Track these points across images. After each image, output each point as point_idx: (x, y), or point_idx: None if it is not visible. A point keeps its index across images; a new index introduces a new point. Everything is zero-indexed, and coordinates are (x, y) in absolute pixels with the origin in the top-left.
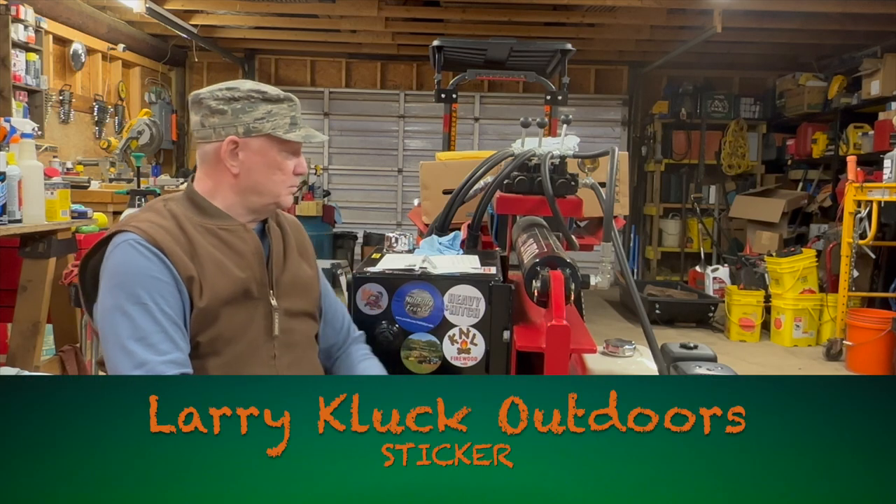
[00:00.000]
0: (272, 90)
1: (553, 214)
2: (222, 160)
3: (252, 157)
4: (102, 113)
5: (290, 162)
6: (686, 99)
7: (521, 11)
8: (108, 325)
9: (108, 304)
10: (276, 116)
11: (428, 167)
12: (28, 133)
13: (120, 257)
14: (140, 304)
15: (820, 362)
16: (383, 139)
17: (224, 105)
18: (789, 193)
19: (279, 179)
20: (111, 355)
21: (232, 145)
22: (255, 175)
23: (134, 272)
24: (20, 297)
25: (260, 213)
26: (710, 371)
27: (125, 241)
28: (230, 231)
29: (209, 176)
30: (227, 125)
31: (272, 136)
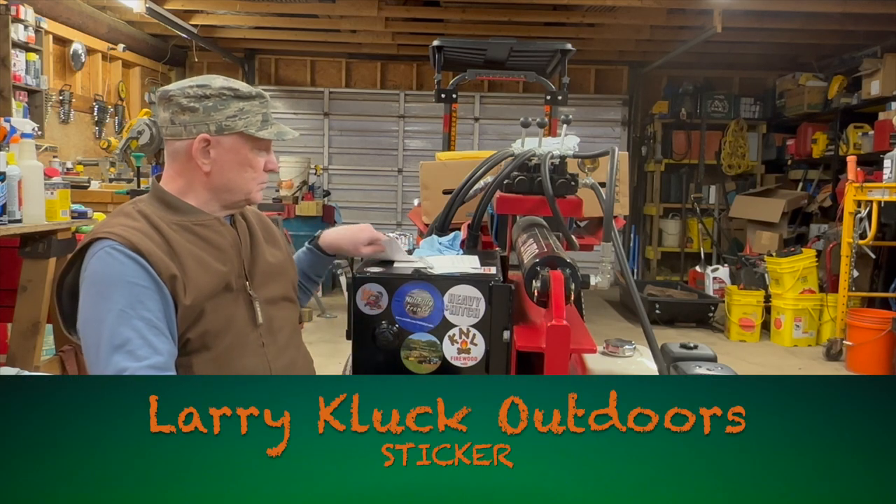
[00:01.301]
0: (244, 87)
1: (553, 214)
2: (194, 158)
3: (224, 154)
4: (102, 113)
5: (262, 159)
6: (686, 99)
7: (521, 11)
8: (86, 334)
9: (86, 315)
10: (248, 114)
11: (428, 167)
12: (28, 133)
13: (96, 266)
14: (117, 311)
15: (820, 362)
16: (383, 139)
17: (195, 102)
18: (789, 193)
19: (251, 177)
20: (91, 365)
21: (204, 143)
22: (227, 173)
23: (111, 280)
24: (20, 297)
25: (231, 209)
26: (710, 371)
27: (101, 248)
28: (206, 226)
29: (180, 174)
30: (198, 123)
31: (244, 134)
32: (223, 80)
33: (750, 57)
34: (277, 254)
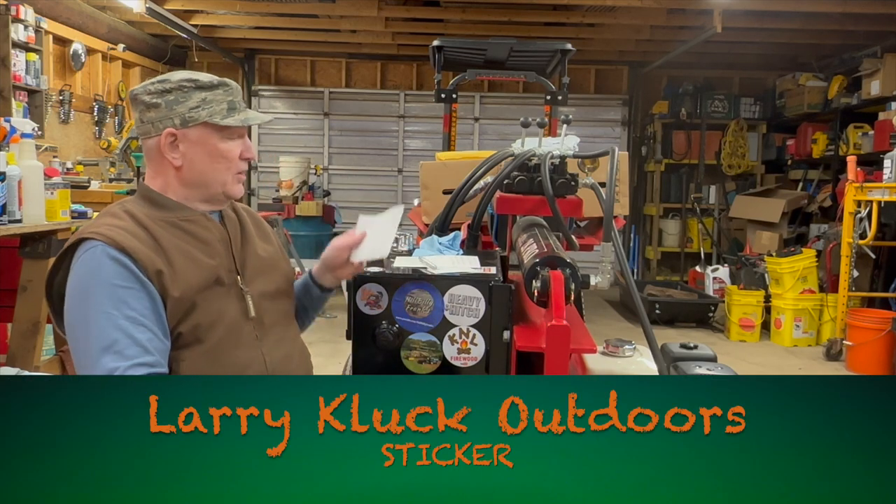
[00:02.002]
0: (205, 77)
1: (553, 214)
2: (163, 154)
3: (192, 147)
4: (102, 113)
5: (234, 147)
6: (686, 99)
7: (521, 11)
8: (73, 337)
9: (73, 317)
10: (212, 103)
11: (428, 167)
12: (28, 133)
13: (81, 268)
14: (103, 312)
15: (820, 362)
16: (383, 139)
17: (157, 98)
18: (789, 193)
19: (224, 167)
20: (80, 366)
21: (170, 138)
22: (198, 165)
23: (94, 282)
24: (20, 297)
25: (212, 202)
26: (710, 371)
27: (86, 250)
28: (192, 221)
29: (157, 173)
30: (163, 118)
31: (209, 124)
32: (184, 72)
33: (750, 57)
34: (269, 248)
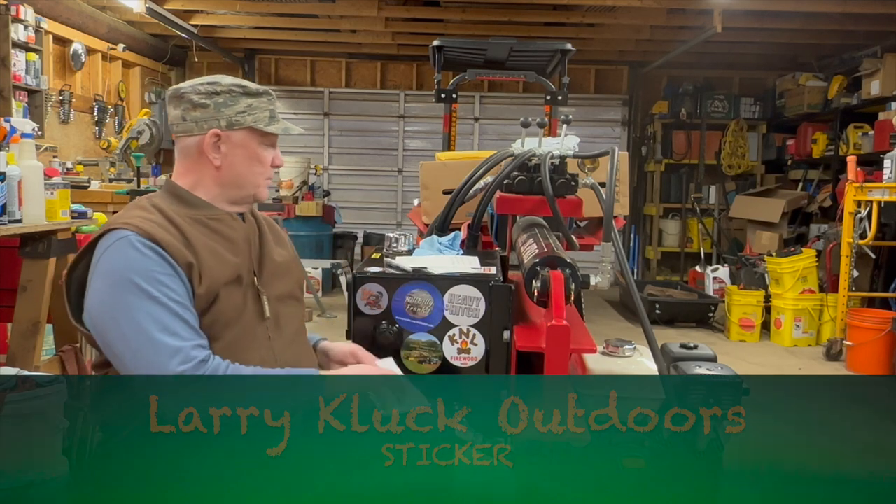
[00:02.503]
0: (252, 85)
1: (553, 214)
2: (205, 153)
3: (234, 149)
4: (102, 113)
5: (269, 154)
6: (686, 99)
7: (521, 11)
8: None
9: (115, 302)
10: (257, 110)
11: (428, 167)
12: (28, 133)
13: (116, 255)
14: (151, 298)
15: (820, 362)
16: (383, 139)
17: (206, 99)
18: (789, 193)
19: (259, 171)
20: (138, 351)
21: (215, 138)
22: (237, 167)
23: (135, 268)
24: (20, 297)
25: (239, 204)
26: (710, 371)
27: (119, 238)
28: (219, 220)
29: (191, 170)
30: (209, 118)
31: (253, 129)
32: (232, 78)
33: (750, 57)
34: (284, 253)
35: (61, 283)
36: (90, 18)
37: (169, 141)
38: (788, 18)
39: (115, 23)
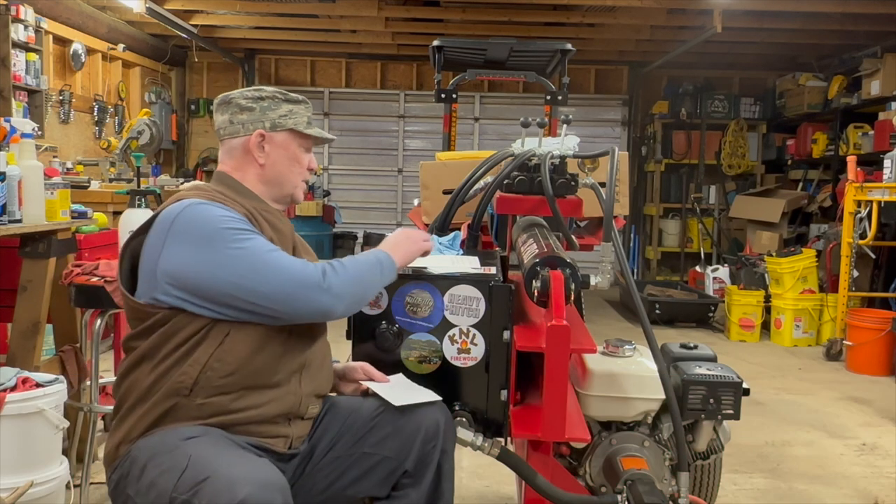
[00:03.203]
0: (291, 94)
1: (553, 214)
2: (250, 152)
3: (276, 149)
4: (102, 113)
5: (306, 157)
6: (686, 99)
7: (521, 11)
8: (228, 264)
9: (205, 253)
10: (297, 115)
11: (428, 167)
12: (28, 133)
13: (197, 212)
14: (250, 232)
15: (820, 362)
16: (383, 139)
17: (253, 103)
18: (789, 193)
19: (297, 171)
20: (250, 278)
21: (259, 138)
22: (279, 166)
23: (219, 219)
24: (20, 297)
25: (279, 202)
26: (710, 371)
27: (191, 203)
28: (270, 213)
29: (236, 169)
30: (255, 121)
31: (294, 131)
32: (274, 87)
33: (750, 57)
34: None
35: (62, 283)
36: (90, 18)
37: (169, 141)
38: (788, 18)
39: (115, 23)
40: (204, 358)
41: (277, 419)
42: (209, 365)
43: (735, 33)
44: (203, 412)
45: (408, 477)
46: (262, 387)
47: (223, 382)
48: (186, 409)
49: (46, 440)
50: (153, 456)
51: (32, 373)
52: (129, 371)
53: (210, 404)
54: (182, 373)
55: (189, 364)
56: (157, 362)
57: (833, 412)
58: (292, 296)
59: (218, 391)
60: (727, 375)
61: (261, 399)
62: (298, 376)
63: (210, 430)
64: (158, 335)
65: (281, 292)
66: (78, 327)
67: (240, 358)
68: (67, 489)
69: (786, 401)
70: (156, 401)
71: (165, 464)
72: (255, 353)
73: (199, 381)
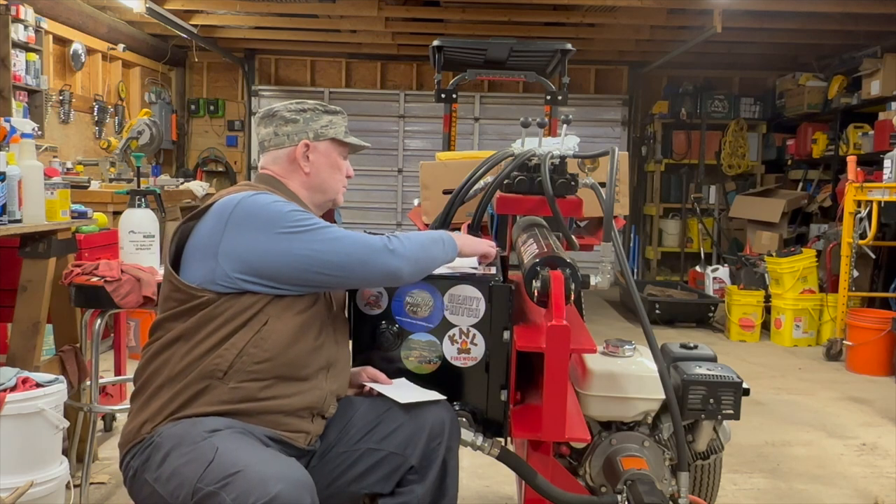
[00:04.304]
0: (330, 106)
1: (553, 214)
2: (297, 160)
3: (320, 157)
4: (102, 113)
5: (345, 164)
6: (686, 99)
7: (521, 11)
8: (298, 238)
9: (280, 232)
10: (336, 125)
11: (428, 167)
12: (28, 133)
13: (259, 200)
14: (308, 214)
15: (820, 362)
16: (383, 139)
17: (297, 115)
18: (789, 193)
19: (339, 178)
20: (325, 242)
21: (305, 147)
22: (322, 174)
23: (282, 204)
24: (20, 297)
25: (321, 208)
26: (710, 371)
27: (248, 194)
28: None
29: (281, 176)
30: (299, 132)
31: (335, 140)
32: (315, 100)
33: (750, 57)
34: None
35: (62, 283)
36: (90, 18)
37: (169, 141)
38: (788, 18)
39: (115, 23)
40: (241, 343)
41: (302, 413)
42: (245, 350)
43: (735, 33)
44: (233, 396)
45: (413, 473)
46: (292, 378)
47: (257, 368)
48: (218, 393)
49: (46, 440)
50: (177, 445)
51: (32, 373)
52: (161, 351)
53: (241, 389)
54: (218, 356)
55: (226, 348)
56: (193, 344)
57: (833, 412)
58: (363, 260)
59: (250, 377)
60: (727, 375)
61: (289, 390)
62: (325, 373)
63: (234, 423)
64: (199, 317)
65: (353, 258)
66: (78, 327)
67: (276, 345)
68: (67, 489)
69: (786, 401)
70: (188, 381)
71: (191, 454)
72: (290, 344)
73: (234, 365)
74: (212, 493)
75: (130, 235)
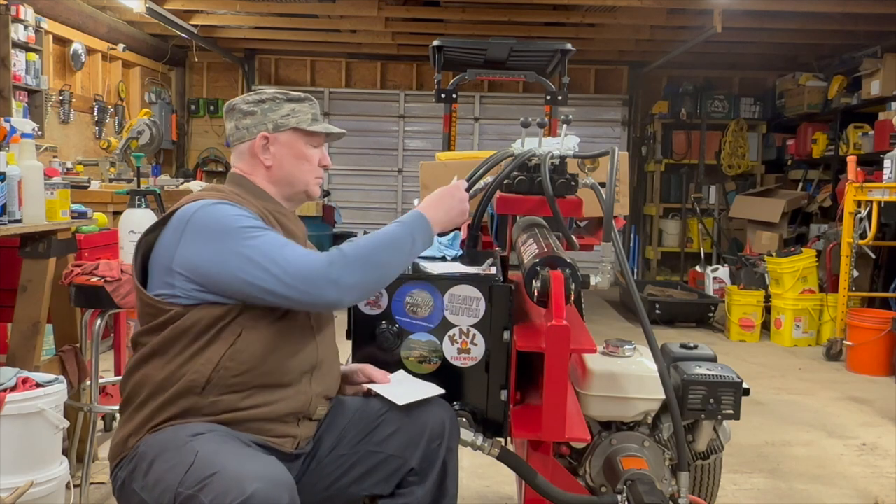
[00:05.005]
0: (293, 92)
1: (553, 214)
2: (256, 155)
3: (282, 149)
4: (102, 113)
5: (315, 154)
6: (686, 99)
7: (521, 11)
8: (241, 255)
9: (227, 246)
10: (299, 113)
11: (428, 167)
12: (28, 133)
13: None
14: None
15: (820, 362)
16: (383, 139)
17: (254, 107)
18: (789, 193)
19: (307, 169)
20: (262, 271)
21: (263, 140)
22: (287, 166)
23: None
24: (20, 297)
25: (293, 200)
26: (710, 371)
27: (205, 203)
28: (283, 215)
29: (247, 172)
30: (258, 124)
31: (297, 129)
32: (276, 88)
33: (750, 57)
34: None
35: (62, 283)
36: (90, 18)
37: (169, 141)
38: (788, 18)
39: (115, 23)
40: (216, 357)
41: (287, 418)
42: (222, 364)
43: (735, 33)
44: (215, 409)
45: (413, 475)
46: (274, 386)
47: (236, 381)
48: (199, 407)
49: (46, 440)
50: (161, 452)
51: (32, 373)
52: (140, 366)
53: (221, 401)
54: (195, 371)
55: (202, 363)
56: (169, 359)
57: (833, 412)
58: (299, 290)
59: (230, 389)
60: (727, 375)
61: (271, 398)
62: (309, 377)
63: (217, 427)
64: (170, 331)
65: (287, 287)
66: (78, 327)
67: (253, 357)
68: (67, 489)
69: (786, 401)
70: (169, 396)
71: (173, 460)
72: (268, 353)
73: (212, 380)
74: (191, 497)
75: (130, 235)
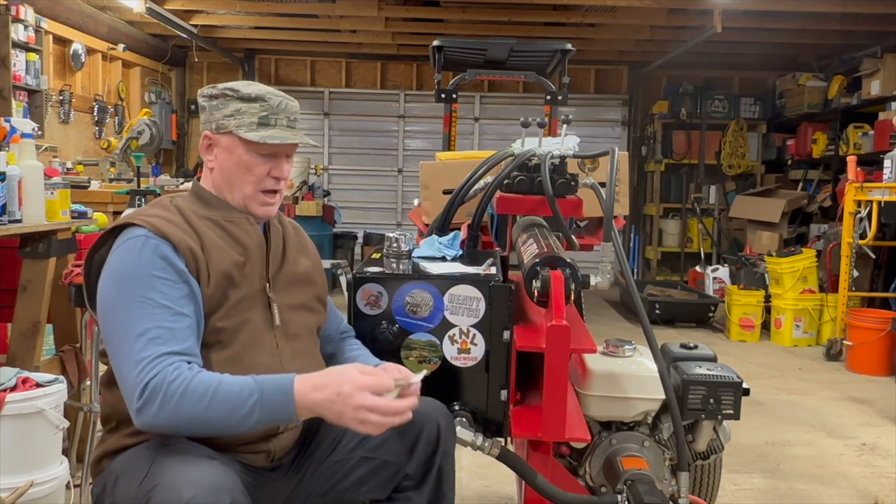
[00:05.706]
0: (248, 89)
1: (553, 214)
2: (203, 154)
3: (222, 153)
4: (102, 113)
5: (258, 163)
6: (686, 99)
7: (521, 11)
8: (110, 320)
9: (110, 300)
10: (244, 115)
11: (428, 167)
12: (28, 133)
13: (125, 253)
14: (140, 298)
15: (820, 362)
16: (383, 139)
17: (206, 102)
18: (789, 193)
19: (245, 179)
20: (113, 349)
21: (206, 140)
22: (226, 171)
23: (135, 267)
24: (20, 297)
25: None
26: (710, 371)
27: (132, 236)
28: (234, 223)
29: (203, 176)
30: (205, 121)
31: (234, 135)
32: (239, 83)
33: (750, 57)
34: (306, 263)
35: (62, 283)
36: (90, 18)
37: (169, 141)
38: (788, 18)
39: (115, 23)
40: None
41: (253, 439)
42: None
43: (735, 33)
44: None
45: (409, 480)
46: None
47: None
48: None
49: (46, 440)
50: (126, 469)
51: (32, 373)
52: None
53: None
54: None
55: None
56: None
57: (833, 412)
58: (121, 388)
59: None
60: (727, 375)
61: None
62: None
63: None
64: None
65: (118, 377)
66: (78, 327)
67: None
68: (67, 489)
69: (786, 401)
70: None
71: (132, 475)
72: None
73: None
74: None
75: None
